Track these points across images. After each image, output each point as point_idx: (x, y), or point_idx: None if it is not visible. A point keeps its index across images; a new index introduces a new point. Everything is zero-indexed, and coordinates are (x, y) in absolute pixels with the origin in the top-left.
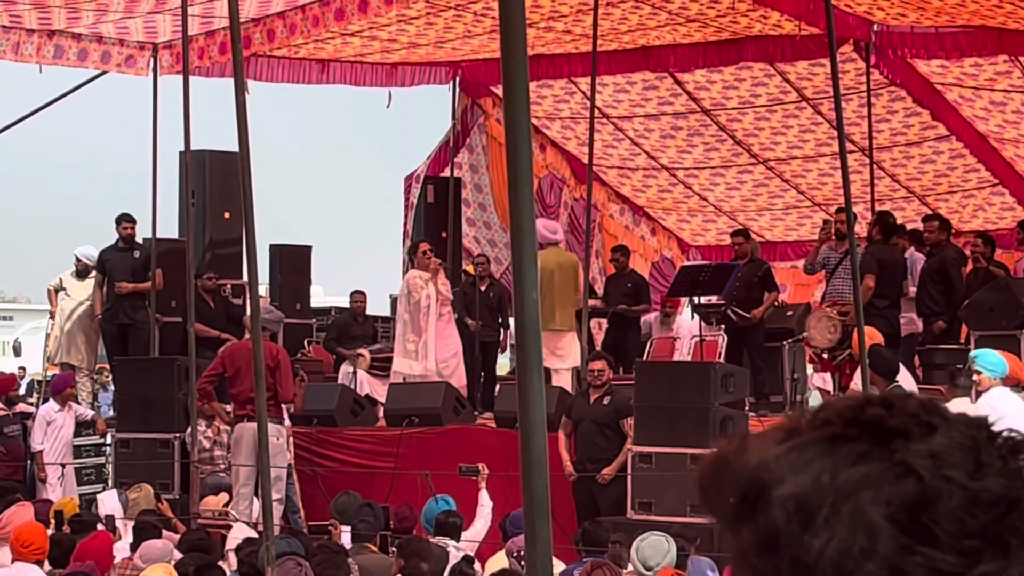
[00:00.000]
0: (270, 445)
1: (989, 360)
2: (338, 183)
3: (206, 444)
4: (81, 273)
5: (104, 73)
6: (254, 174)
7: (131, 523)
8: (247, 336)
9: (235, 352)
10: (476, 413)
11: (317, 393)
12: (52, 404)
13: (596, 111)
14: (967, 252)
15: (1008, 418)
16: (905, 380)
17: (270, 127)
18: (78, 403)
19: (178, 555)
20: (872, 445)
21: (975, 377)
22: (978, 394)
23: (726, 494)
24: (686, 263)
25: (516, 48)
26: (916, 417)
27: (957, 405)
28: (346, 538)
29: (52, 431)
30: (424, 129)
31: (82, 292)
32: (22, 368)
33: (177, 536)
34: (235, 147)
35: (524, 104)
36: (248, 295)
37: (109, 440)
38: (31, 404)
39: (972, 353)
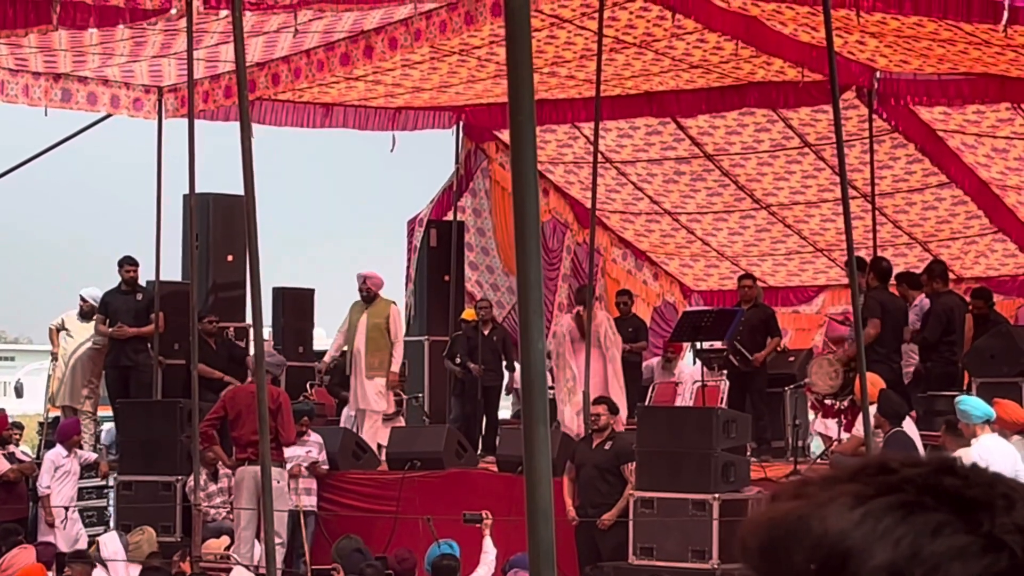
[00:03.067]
0: (272, 488)
1: (966, 407)
2: (341, 226)
3: (216, 500)
4: (86, 315)
5: (108, 116)
6: (257, 217)
7: (132, 566)
8: (249, 379)
9: (236, 395)
10: (478, 456)
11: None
12: (60, 449)
13: (599, 156)
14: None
15: (995, 466)
16: (908, 426)
17: (273, 170)
18: (81, 448)
19: None
20: (952, 515)
21: (959, 426)
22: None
23: (797, 560)
24: (688, 309)
25: (523, 102)
26: (992, 488)
27: (959, 455)
28: None
29: (59, 476)
30: (427, 173)
31: (85, 333)
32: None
33: None
34: (238, 190)
35: (531, 156)
36: (252, 338)
37: (111, 482)
38: (25, 455)
39: (955, 400)
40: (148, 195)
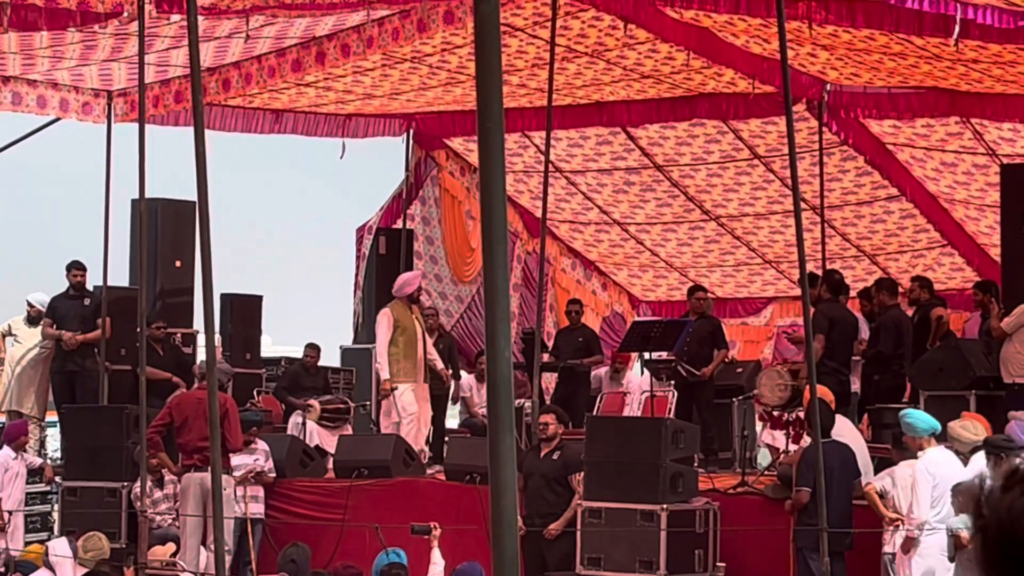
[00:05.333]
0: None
1: (912, 419)
2: (289, 233)
3: (162, 507)
4: (34, 320)
5: (57, 120)
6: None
7: (80, 569)
8: (195, 385)
9: (183, 402)
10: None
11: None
12: (8, 451)
13: (549, 165)
14: (905, 299)
15: (945, 479)
16: (852, 436)
17: (220, 175)
18: (26, 451)
19: None
20: None
21: (904, 438)
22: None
23: None
24: (637, 319)
25: (492, 108)
26: None
27: (904, 467)
28: None
29: (9, 479)
30: (377, 180)
31: (33, 339)
32: None
33: None
34: (185, 195)
35: (499, 162)
36: (202, 344)
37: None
38: None
39: (901, 413)
40: (94, 200)
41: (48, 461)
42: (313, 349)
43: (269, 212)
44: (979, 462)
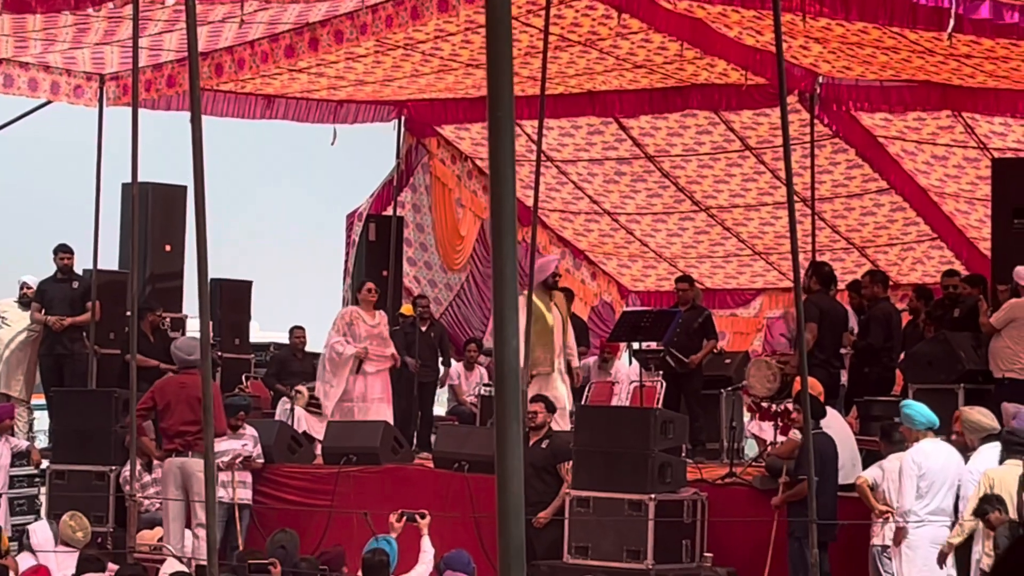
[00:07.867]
0: (211, 480)
1: (911, 411)
2: (279, 218)
3: (151, 491)
4: (27, 302)
5: (49, 103)
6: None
7: (62, 555)
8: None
9: (165, 386)
10: (414, 452)
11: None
12: None
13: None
14: (903, 306)
15: (934, 470)
16: (837, 425)
17: (212, 160)
18: (13, 435)
19: None
20: None
21: (900, 430)
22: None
23: None
24: (627, 309)
25: (503, 97)
26: None
27: (894, 460)
28: None
29: None
30: (368, 167)
31: (23, 321)
32: None
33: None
34: (175, 179)
35: (509, 152)
36: (191, 329)
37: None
38: None
39: (901, 404)
40: (84, 183)
41: (35, 444)
42: (300, 330)
43: (259, 197)
44: (989, 453)
